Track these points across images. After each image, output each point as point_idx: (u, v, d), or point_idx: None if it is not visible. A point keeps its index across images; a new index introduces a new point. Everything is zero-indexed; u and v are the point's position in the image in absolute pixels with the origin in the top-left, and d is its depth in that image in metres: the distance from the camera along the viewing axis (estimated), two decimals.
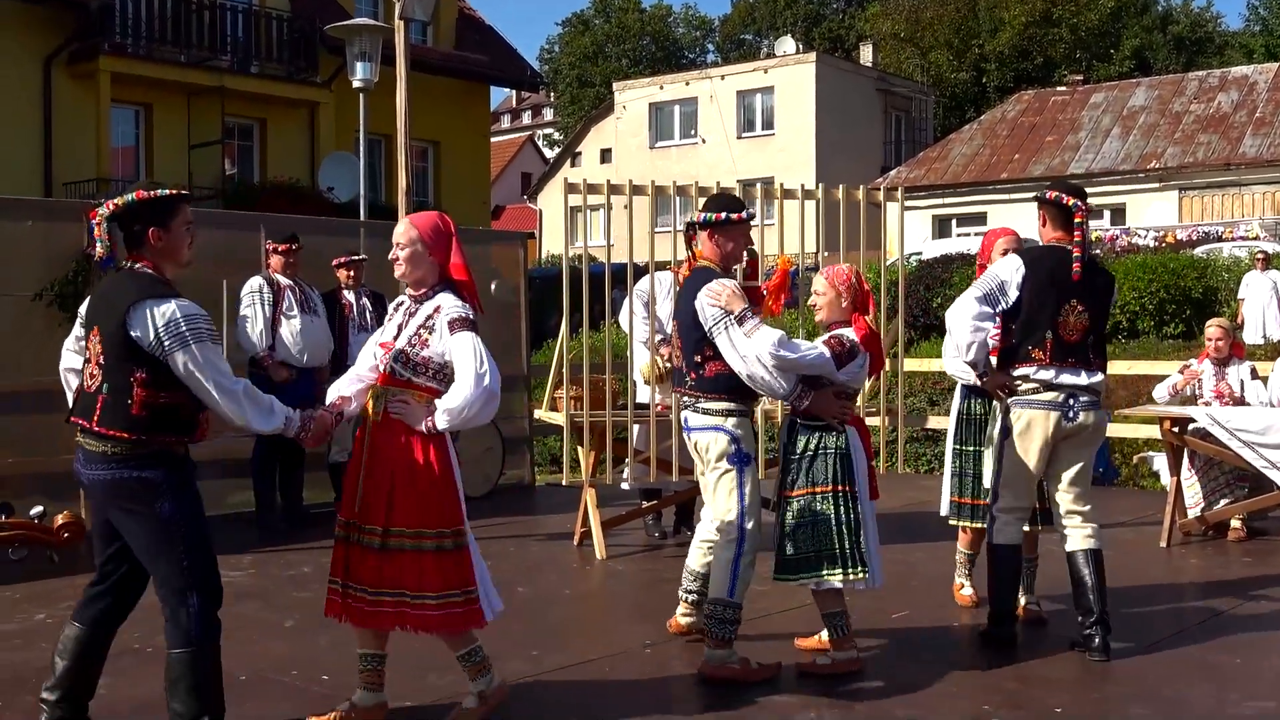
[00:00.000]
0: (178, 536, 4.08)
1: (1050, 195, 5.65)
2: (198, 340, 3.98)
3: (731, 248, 5.38)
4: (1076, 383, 5.55)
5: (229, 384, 4.03)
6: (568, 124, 56.16)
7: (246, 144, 25.17)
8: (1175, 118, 32.07)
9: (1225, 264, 19.36)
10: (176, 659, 4.09)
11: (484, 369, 4.22)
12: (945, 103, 46.87)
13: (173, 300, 4.02)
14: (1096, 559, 5.60)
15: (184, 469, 4.15)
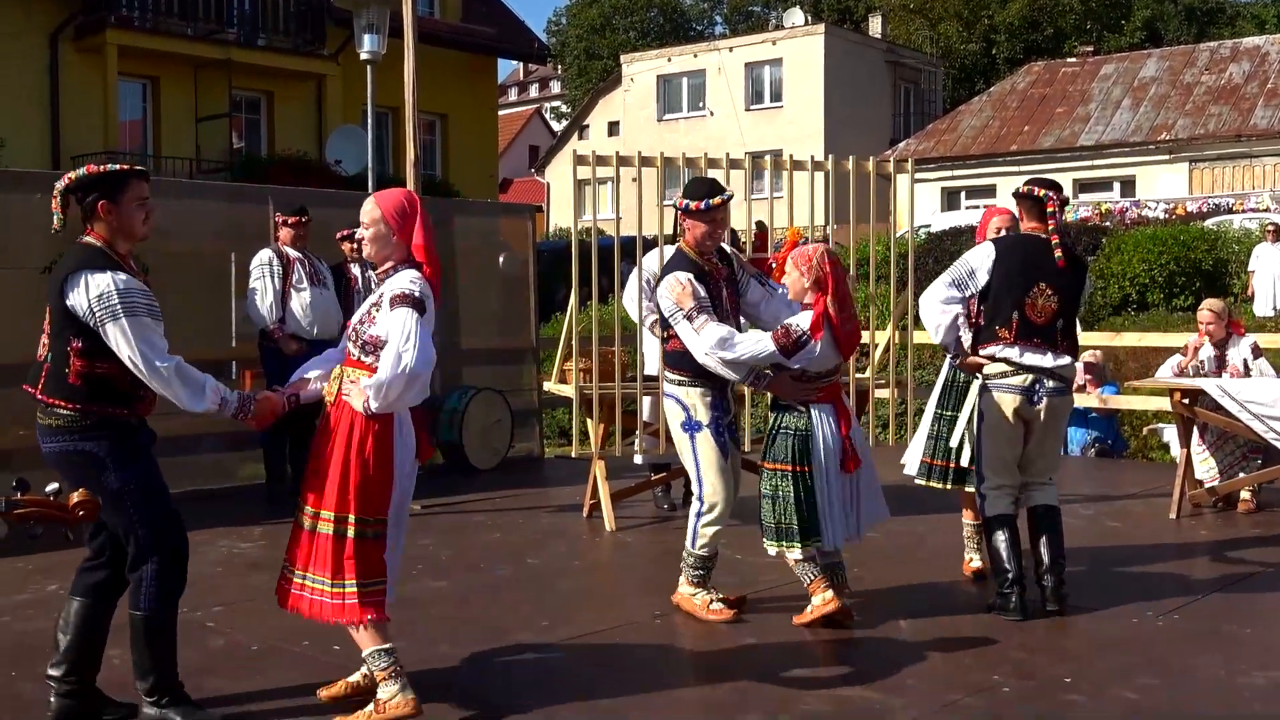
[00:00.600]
0: (128, 506, 4.15)
1: (1023, 189, 5.96)
2: (130, 314, 4.02)
3: (701, 234, 5.63)
4: (1042, 363, 5.74)
5: (157, 361, 4.04)
6: (575, 97, 55.97)
7: (254, 117, 25.15)
8: (1186, 89, 31.90)
9: (1236, 236, 19.31)
10: (132, 619, 4.25)
11: (406, 347, 4.07)
12: (954, 74, 46.64)
13: (110, 272, 4.07)
14: (1055, 515, 5.92)
15: (131, 439, 4.18)
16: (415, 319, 4.12)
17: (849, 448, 5.40)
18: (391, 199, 4.41)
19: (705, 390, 5.65)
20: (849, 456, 5.40)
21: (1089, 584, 6.30)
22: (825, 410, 5.40)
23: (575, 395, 7.92)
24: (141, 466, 4.19)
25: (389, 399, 4.09)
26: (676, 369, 5.74)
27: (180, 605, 5.78)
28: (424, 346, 4.09)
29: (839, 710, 4.52)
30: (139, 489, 4.16)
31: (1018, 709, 4.51)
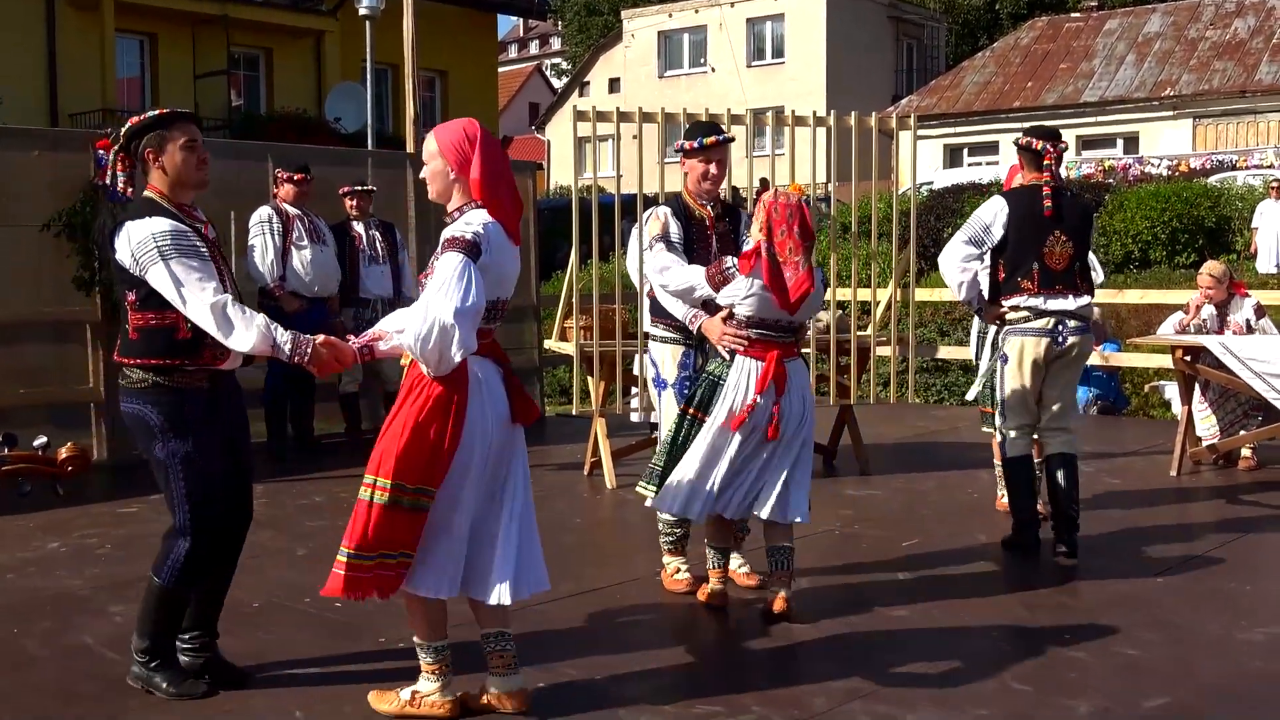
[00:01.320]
0: (170, 478, 4.05)
1: (1022, 141, 6.14)
2: (170, 257, 3.88)
3: (696, 175, 5.49)
4: (1065, 307, 5.96)
5: (201, 299, 3.87)
6: (576, 53, 55.64)
7: (252, 74, 25.02)
8: (1190, 44, 31.67)
9: (1239, 193, 19.22)
10: (150, 581, 4.18)
11: (438, 294, 3.64)
12: (958, 30, 46.27)
13: (151, 217, 3.95)
14: (1071, 464, 6.07)
15: (187, 408, 4.02)
16: (460, 263, 3.67)
17: (750, 409, 4.90)
18: (448, 132, 3.93)
19: (679, 347, 5.57)
20: (749, 416, 4.91)
21: (1090, 541, 6.30)
22: (753, 367, 4.97)
23: (576, 353, 7.91)
24: (193, 439, 4.01)
25: (425, 352, 3.65)
26: (656, 318, 5.67)
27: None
28: (464, 293, 3.63)
29: (835, 662, 4.53)
30: (183, 463, 4.02)
31: (1019, 666, 4.52)
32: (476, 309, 3.68)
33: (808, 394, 5.09)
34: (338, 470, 8.36)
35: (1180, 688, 4.29)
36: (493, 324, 3.94)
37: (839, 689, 4.30)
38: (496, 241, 3.82)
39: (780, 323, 4.98)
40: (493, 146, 3.90)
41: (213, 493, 4.08)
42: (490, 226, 3.81)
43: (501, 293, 3.92)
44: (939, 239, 17.18)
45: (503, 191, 3.88)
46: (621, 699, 4.20)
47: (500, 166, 3.89)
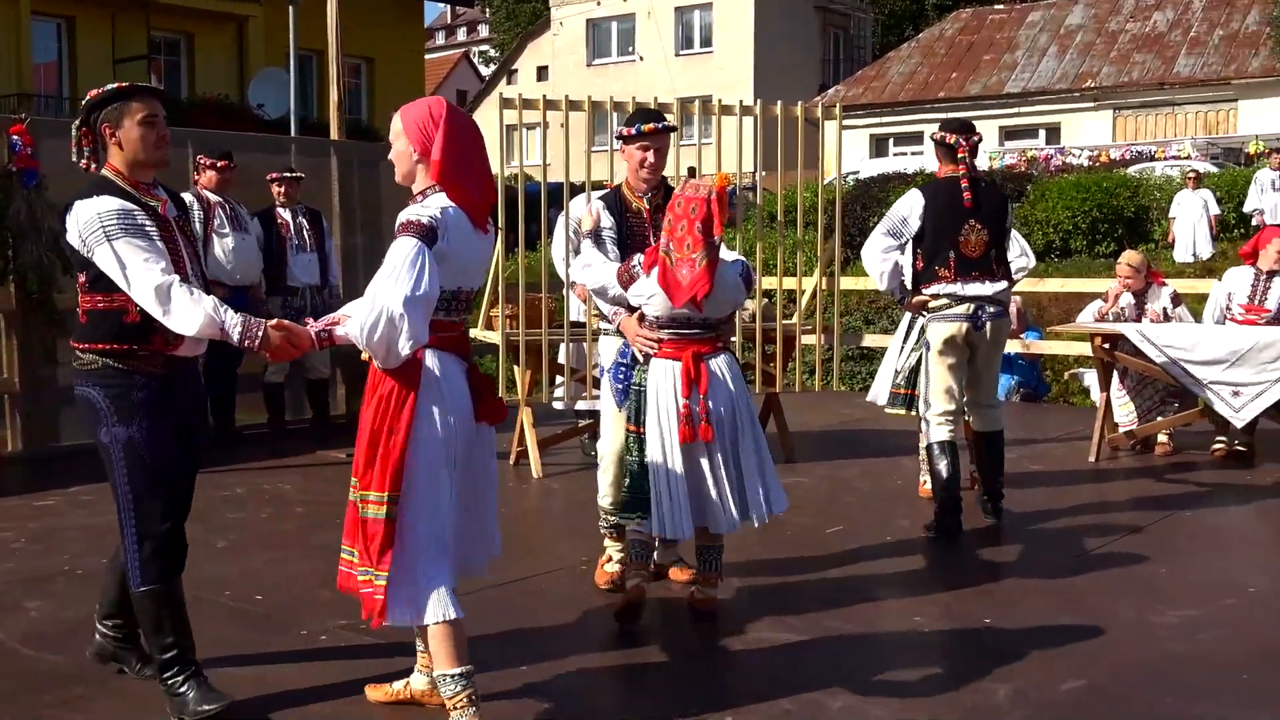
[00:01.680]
0: (112, 465, 3.85)
1: (936, 135, 6.43)
2: (115, 237, 3.71)
3: (634, 163, 5.22)
4: (982, 293, 6.22)
5: (151, 279, 3.67)
6: (504, 41, 55.34)
7: (173, 59, 24.63)
8: (1111, 37, 32.17)
9: (1157, 183, 19.56)
10: (132, 595, 3.95)
11: (386, 281, 3.43)
12: (884, 21, 46.59)
13: (99, 196, 3.79)
14: (996, 440, 6.45)
15: (136, 392, 3.82)
16: (413, 249, 3.46)
17: (686, 413, 4.67)
18: (413, 111, 3.70)
19: (618, 339, 5.36)
20: (683, 423, 4.67)
21: (1010, 527, 6.41)
22: (670, 369, 4.76)
23: (502, 342, 7.87)
24: (138, 426, 3.80)
25: (372, 342, 3.45)
26: (599, 312, 5.58)
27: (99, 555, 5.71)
28: (415, 281, 3.41)
29: (754, 648, 4.56)
30: (125, 450, 3.81)
31: (939, 651, 4.57)
32: (428, 298, 3.46)
33: (737, 387, 4.84)
34: (259, 462, 8.27)
35: (1096, 670, 4.36)
36: (455, 316, 3.70)
37: (760, 677, 4.33)
38: (456, 228, 3.58)
39: (693, 320, 4.74)
40: (460, 127, 3.66)
41: (157, 483, 3.85)
42: (450, 211, 3.58)
43: (464, 282, 3.70)
44: (865, 228, 17.30)
45: (467, 175, 3.64)
46: (546, 691, 4.19)
47: (467, 149, 3.65)
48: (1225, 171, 20.86)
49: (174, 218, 3.95)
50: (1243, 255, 8.61)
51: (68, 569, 5.70)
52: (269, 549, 6.07)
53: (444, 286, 3.57)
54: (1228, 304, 8.36)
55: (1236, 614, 5.03)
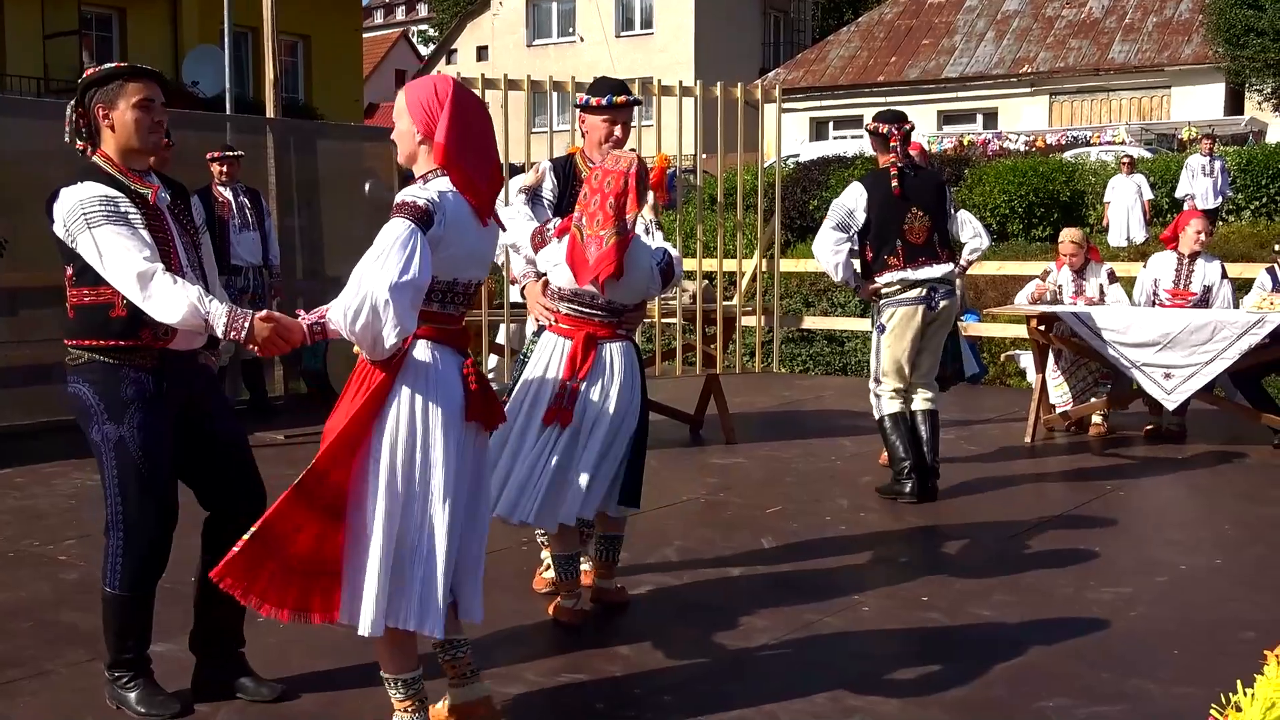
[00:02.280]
0: (103, 463, 3.71)
1: (869, 126, 6.68)
2: (99, 224, 3.57)
3: (600, 135, 4.98)
4: (932, 275, 6.52)
5: (132, 266, 3.53)
6: (443, 20, 54.92)
7: (105, 35, 24.17)
8: (1048, 22, 32.47)
9: (1092, 168, 19.76)
10: (102, 595, 3.81)
11: (378, 263, 3.20)
12: (824, 4, 46.75)
13: (83, 183, 3.65)
14: (935, 418, 6.70)
15: (126, 386, 3.67)
16: (405, 231, 3.22)
17: (559, 394, 4.39)
18: (417, 89, 3.47)
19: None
20: (554, 403, 4.41)
21: (947, 506, 6.47)
22: (559, 345, 4.49)
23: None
24: (130, 424, 3.66)
25: (356, 330, 3.21)
26: None
27: (32, 539, 5.63)
28: (403, 265, 3.18)
29: (692, 629, 4.57)
30: (115, 449, 3.67)
31: (876, 629, 4.61)
32: (416, 284, 3.21)
33: (628, 384, 4.51)
34: None
35: (1033, 646, 4.41)
36: (451, 309, 3.46)
37: (693, 659, 4.34)
38: (456, 214, 3.35)
39: (596, 301, 4.46)
40: (467, 109, 3.43)
41: (146, 486, 3.68)
42: (450, 197, 3.36)
43: (460, 274, 3.43)
44: (804, 211, 17.39)
45: (472, 160, 3.41)
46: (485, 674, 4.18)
47: (474, 132, 3.42)
48: (1159, 157, 21.13)
49: (167, 206, 3.79)
50: (1164, 240, 8.73)
51: (0, 551, 5.61)
52: None
53: (438, 276, 3.35)
54: (1154, 289, 8.48)
55: (1168, 590, 5.11)
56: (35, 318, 9.41)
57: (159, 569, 3.80)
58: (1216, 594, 5.07)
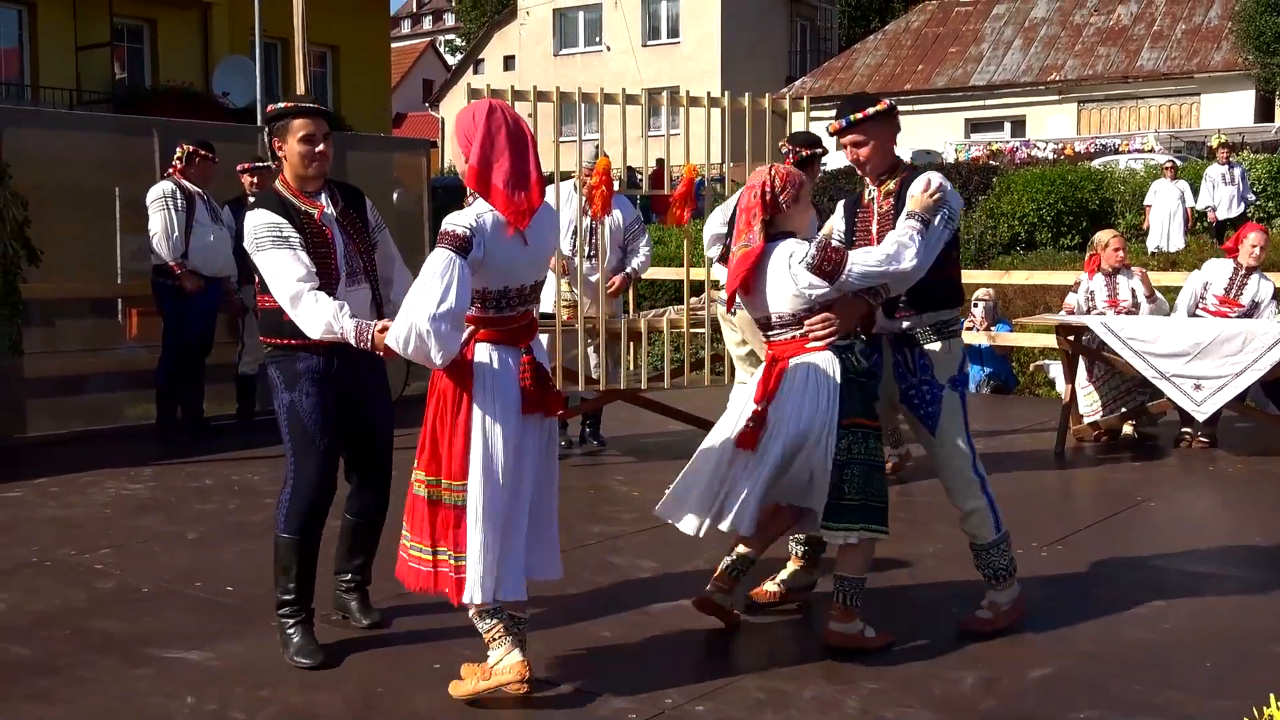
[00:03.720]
0: (282, 427, 4.34)
1: (784, 146, 6.52)
2: (266, 248, 4.17)
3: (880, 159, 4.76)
4: None
5: (286, 288, 4.13)
6: (470, 30, 55.11)
7: (136, 46, 24.38)
8: (1076, 30, 32.39)
9: (1122, 176, 19.67)
10: (275, 537, 4.38)
11: (420, 293, 3.64)
12: (850, 12, 46.71)
13: (257, 210, 4.24)
14: None
15: (299, 364, 4.27)
16: (444, 262, 3.65)
17: (750, 417, 4.38)
18: (462, 116, 3.86)
19: None
20: (742, 430, 4.44)
21: None
22: (759, 371, 4.47)
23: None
24: (299, 393, 4.27)
25: (408, 353, 3.69)
26: None
27: (67, 548, 5.70)
28: (442, 295, 3.61)
29: (733, 641, 4.59)
30: (288, 413, 4.31)
31: (907, 638, 4.61)
32: (454, 312, 3.64)
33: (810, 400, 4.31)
34: (228, 453, 8.23)
35: (1064, 658, 4.41)
36: (509, 311, 3.89)
37: (728, 673, 4.35)
38: (495, 232, 3.75)
39: (761, 319, 4.45)
40: (495, 129, 3.78)
41: (309, 444, 4.29)
42: (487, 217, 3.76)
43: (510, 281, 3.85)
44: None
45: (500, 175, 3.76)
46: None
47: (498, 150, 3.77)
48: (1188, 164, 21.04)
49: (335, 219, 4.31)
50: (1226, 249, 8.69)
51: (35, 560, 5.66)
52: (238, 540, 6.05)
53: (488, 287, 3.81)
54: (1203, 294, 8.43)
55: (1200, 602, 5.09)
56: (68, 328, 9.52)
57: (319, 518, 4.37)
58: (1248, 606, 5.05)
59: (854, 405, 4.33)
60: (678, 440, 6.96)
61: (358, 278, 4.33)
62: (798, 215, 4.40)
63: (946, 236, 4.40)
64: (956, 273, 4.68)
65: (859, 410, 4.34)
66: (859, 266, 4.24)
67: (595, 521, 6.39)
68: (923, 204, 4.36)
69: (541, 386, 3.92)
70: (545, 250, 3.97)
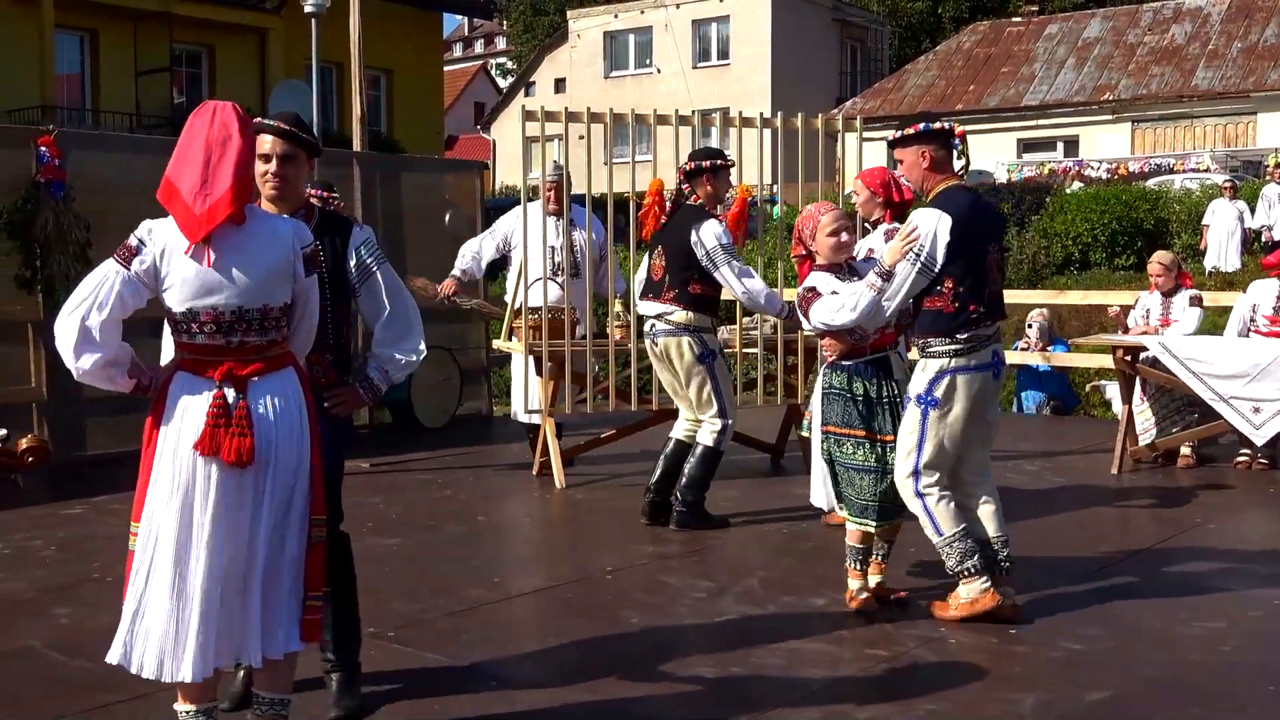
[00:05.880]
0: None
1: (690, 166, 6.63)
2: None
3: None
4: (647, 311, 6.74)
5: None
6: (521, 53, 55.48)
7: (195, 71, 24.79)
8: (1129, 49, 32.13)
9: (1177, 196, 19.50)
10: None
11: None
12: (901, 33, 46.62)
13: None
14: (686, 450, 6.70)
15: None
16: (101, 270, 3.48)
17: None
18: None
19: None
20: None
21: (1033, 538, 6.39)
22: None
23: (525, 353, 7.91)
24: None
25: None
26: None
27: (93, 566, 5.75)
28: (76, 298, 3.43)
29: (779, 656, 4.57)
30: None
31: (965, 660, 4.58)
32: (81, 318, 3.33)
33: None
34: None
35: (1122, 681, 4.36)
36: (196, 339, 3.41)
37: (779, 690, 4.34)
38: (168, 244, 3.40)
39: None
40: (191, 130, 3.47)
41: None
42: (159, 225, 3.45)
43: (197, 302, 3.37)
44: None
45: (182, 179, 3.42)
46: (575, 701, 4.21)
47: (187, 149, 3.44)
48: (1245, 184, 20.82)
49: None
50: (1266, 266, 8.59)
51: (96, 577, 5.74)
52: None
53: (173, 307, 3.40)
54: (1252, 316, 8.34)
55: (1261, 626, 5.02)
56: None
57: None
58: None
59: (829, 414, 5.12)
60: (728, 460, 6.98)
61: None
62: (824, 247, 5.10)
63: (916, 277, 4.80)
64: (947, 303, 4.87)
65: (835, 420, 5.10)
66: (814, 316, 4.97)
67: (649, 542, 6.39)
68: (891, 255, 4.82)
69: (233, 429, 3.34)
70: (245, 274, 3.38)
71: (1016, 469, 8.30)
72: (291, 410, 3.46)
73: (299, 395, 3.50)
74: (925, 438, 4.89)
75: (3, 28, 21.47)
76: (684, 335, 6.55)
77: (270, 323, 3.44)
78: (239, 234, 3.38)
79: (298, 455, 3.47)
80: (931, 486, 4.92)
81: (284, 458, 3.43)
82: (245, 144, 3.44)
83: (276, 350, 3.48)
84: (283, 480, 3.44)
